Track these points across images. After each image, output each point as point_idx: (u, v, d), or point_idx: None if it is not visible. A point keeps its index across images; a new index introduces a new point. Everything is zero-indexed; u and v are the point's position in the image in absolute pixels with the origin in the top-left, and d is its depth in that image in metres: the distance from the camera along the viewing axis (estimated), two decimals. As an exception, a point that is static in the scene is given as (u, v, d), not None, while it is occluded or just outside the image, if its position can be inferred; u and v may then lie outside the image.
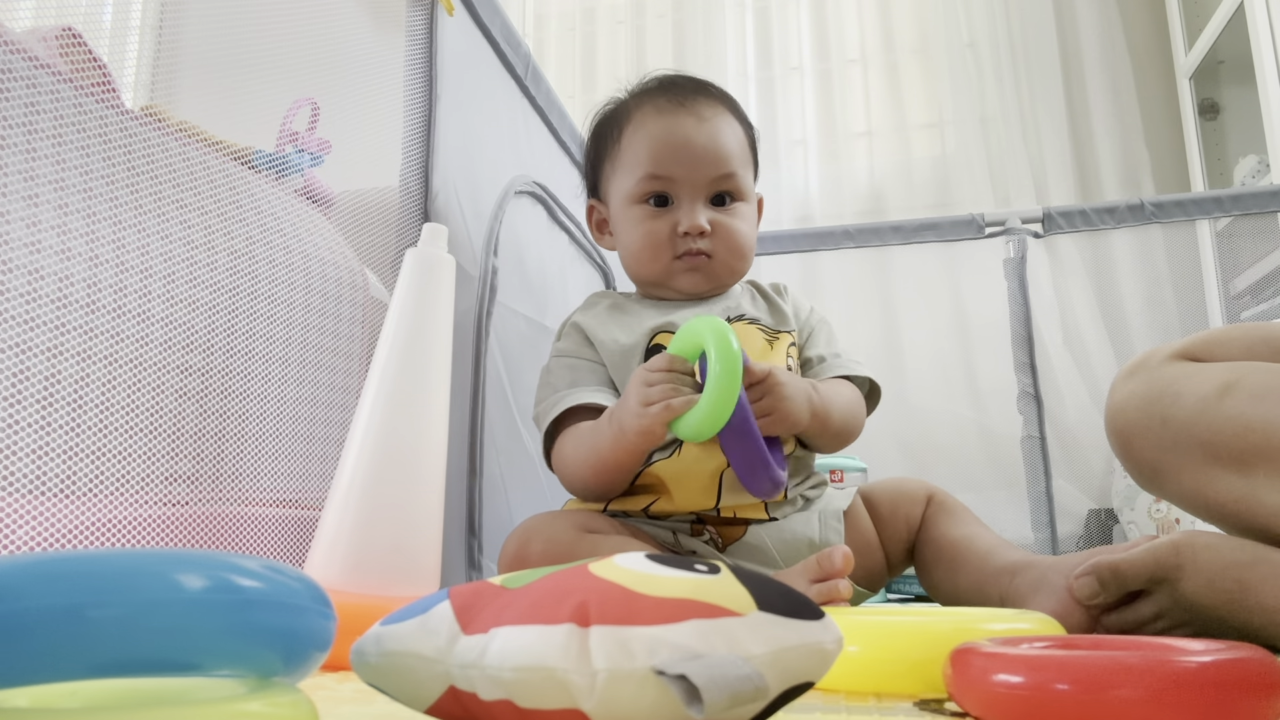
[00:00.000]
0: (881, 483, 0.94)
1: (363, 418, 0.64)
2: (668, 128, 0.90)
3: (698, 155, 0.88)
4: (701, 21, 2.75)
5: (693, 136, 0.89)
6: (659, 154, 0.89)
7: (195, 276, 0.69)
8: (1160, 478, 0.70)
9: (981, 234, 1.80)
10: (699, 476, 0.82)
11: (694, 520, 0.84)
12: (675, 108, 0.91)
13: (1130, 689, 0.33)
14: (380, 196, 0.98)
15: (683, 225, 0.88)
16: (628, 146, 0.92)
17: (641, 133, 0.91)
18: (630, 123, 0.92)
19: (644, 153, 0.90)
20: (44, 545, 0.54)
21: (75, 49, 0.63)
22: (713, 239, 0.89)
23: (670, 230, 0.88)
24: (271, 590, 0.27)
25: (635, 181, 0.90)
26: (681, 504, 0.82)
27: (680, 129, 0.89)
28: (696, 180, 0.88)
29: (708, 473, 0.82)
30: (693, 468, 0.82)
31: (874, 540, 0.88)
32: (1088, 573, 0.66)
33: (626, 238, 0.92)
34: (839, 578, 0.65)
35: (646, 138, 0.90)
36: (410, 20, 0.96)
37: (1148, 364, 0.72)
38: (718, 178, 0.89)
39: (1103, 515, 1.76)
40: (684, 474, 0.82)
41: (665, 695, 0.27)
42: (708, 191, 0.89)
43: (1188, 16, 2.41)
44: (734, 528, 0.83)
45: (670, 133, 0.89)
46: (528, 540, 0.77)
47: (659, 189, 0.89)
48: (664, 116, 0.91)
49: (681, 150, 0.88)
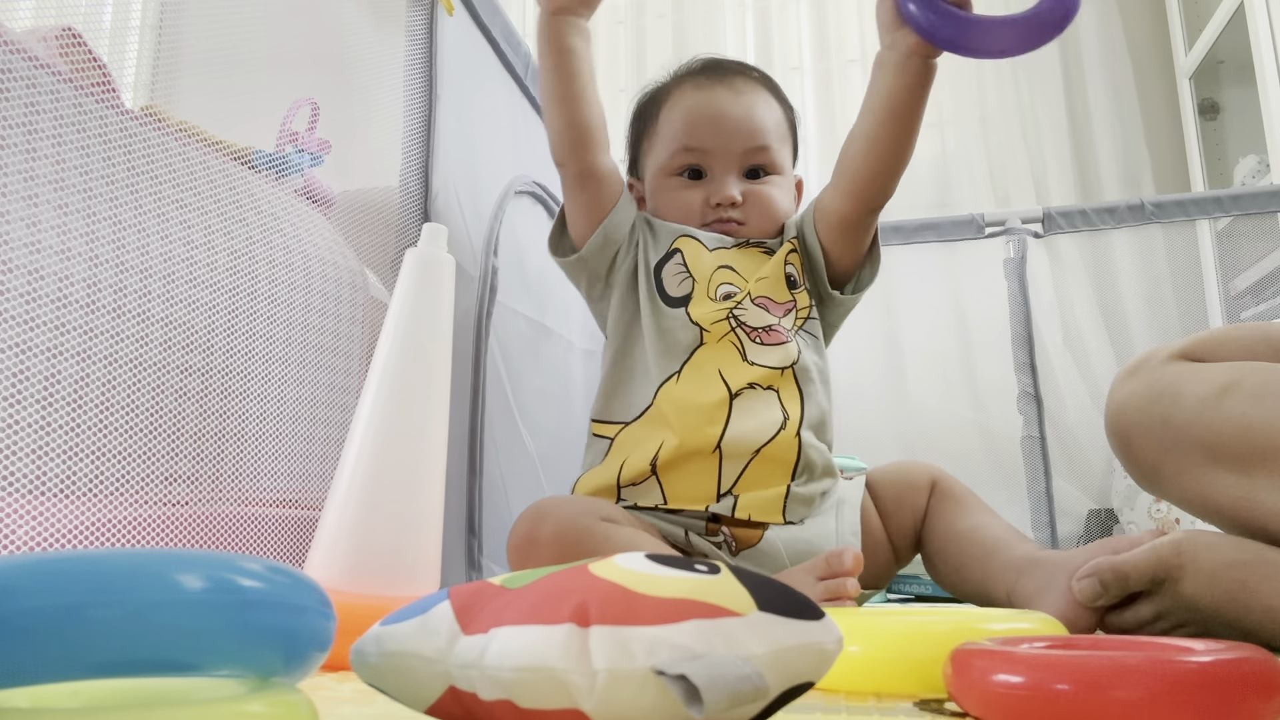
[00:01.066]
0: (885, 469, 0.93)
1: (362, 418, 0.64)
2: (703, 101, 0.92)
3: (731, 127, 0.90)
4: (701, 21, 2.75)
5: (727, 109, 0.91)
6: (693, 126, 0.90)
7: (195, 276, 0.69)
8: (1160, 478, 0.70)
9: (981, 234, 1.80)
10: (702, 407, 0.81)
11: (709, 519, 0.82)
12: (713, 83, 0.93)
13: (1130, 689, 0.33)
14: (380, 196, 0.98)
15: (714, 197, 0.89)
16: (665, 122, 0.93)
17: (679, 108, 0.93)
18: (669, 100, 0.94)
19: (679, 126, 0.91)
20: (44, 545, 0.54)
21: (75, 49, 0.63)
22: (745, 207, 0.90)
23: (702, 201, 0.90)
24: (271, 590, 0.27)
25: (670, 154, 0.91)
26: (686, 439, 0.81)
27: (715, 101, 0.91)
28: (729, 151, 0.90)
29: (712, 402, 0.81)
30: (695, 395, 0.82)
31: (882, 539, 0.88)
32: (1089, 575, 0.66)
33: (662, 208, 0.93)
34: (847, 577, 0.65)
35: (683, 111, 0.92)
36: (410, 20, 0.96)
37: (1148, 364, 0.72)
38: (751, 150, 0.90)
39: (1103, 515, 1.76)
40: (687, 402, 0.82)
41: (665, 695, 0.27)
42: (741, 164, 0.90)
43: (1188, 16, 2.41)
44: (750, 531, 0.82)
45: (705, 105, 0.91)
46: (539, 521, 0.75)
47: (692, 161, 0.91)
48: (700, 91, 0.92)
49: (716, 122, 0.90)
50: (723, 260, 0.89)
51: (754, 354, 0.84)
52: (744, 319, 0.86)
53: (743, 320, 0.85)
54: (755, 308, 0.87)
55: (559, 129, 0.86)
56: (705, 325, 0.84)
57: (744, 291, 0.87)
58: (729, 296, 0.87)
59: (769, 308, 0.87)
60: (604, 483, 0.84)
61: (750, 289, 0.88)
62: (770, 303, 0.88)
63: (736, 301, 0.86)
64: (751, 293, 0.87)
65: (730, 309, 0.86)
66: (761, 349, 0.85)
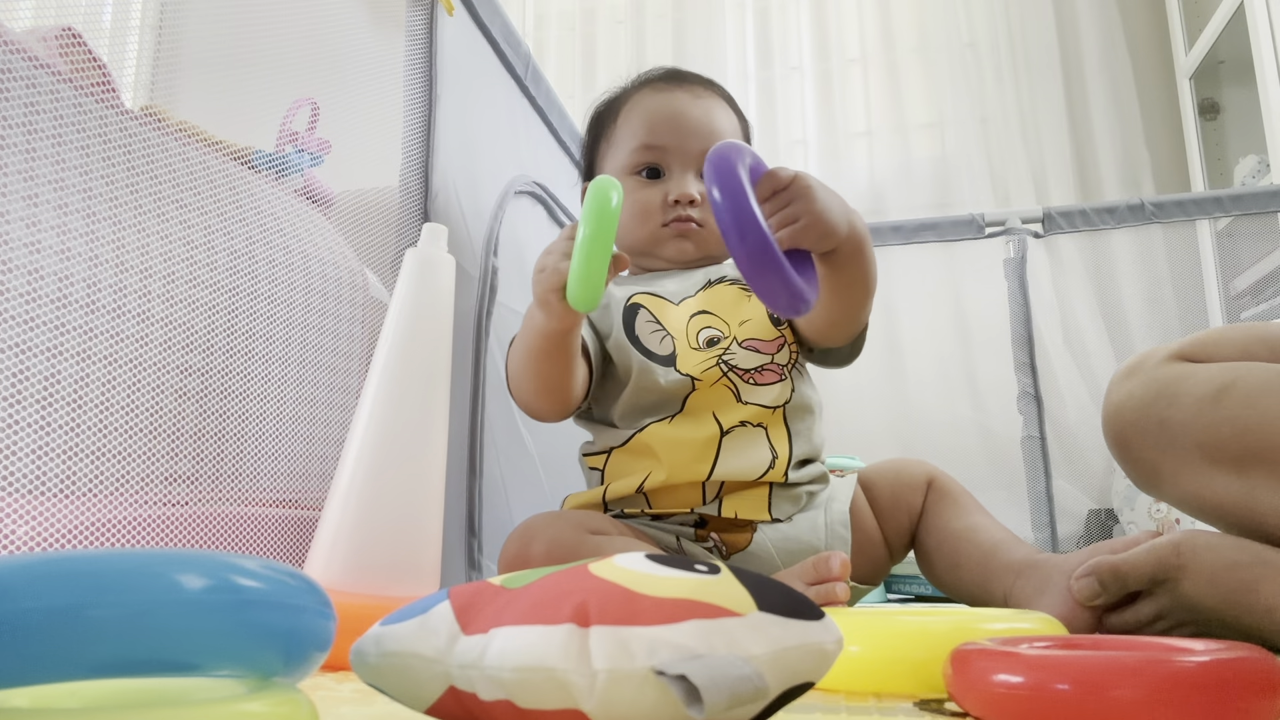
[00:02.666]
0: (880, 467, 0.93)
1: (362, 418, 0.64)
2: (663, 102, 0.93)
3: (691, 127, 0.91)
4: (701, 21, 2.75)
5: (687, 109, 0.92)
6: (653, 125, 0.92)
7: (195, 276, 0.68)
8: (1158, 479, 0.70)
9: (981, 234, 1.80)
10: (692, 444, 0.81)
11: (697, 524, 0.83)
12: (672, 87, 0.95)
13: (1130, 689, 0.33)
14: (380, 196, 0.98)
15: (672, 194, 0.90)
16: (624, 124, 0.95)
17: (639, 108, 0.94)
18: (628, 104, 0.96)
19: (639, 125, 0.93)
20: (44, 545, 0.54)
21: (75, 49, 0.63)
22: (703, 209, 0.90)
23: (661, 199, 0.91)
24: (271, 590, 0.27)
25: (629, 153, 0.92)
26: (674, 474, 0.81)
27: (674, 102, 0.93)
28: (688, 150, 0.91)
29: (702, 439, 0.81)
30: (685, 434, 0.81)
31: (876, 536, 0.87)
32: (1088, 574, 0.66)
33: None
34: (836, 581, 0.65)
35: (643, 111, 0.93)
36: (410, 20, 0.96)
37: (1145, 365, 0.72)
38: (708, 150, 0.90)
39: (1103, 515, 1.76)
40: (676, 440, 0.81)
41: (665, 695, 0.27)
42: (699, 164, 0.90)
43: (1188, 16, 2.41)
44: (739, 534, 0.82)
45: (665, 105, 0.93)
46: (529, 541, 0.76)
47: (651, 160, 0.92)
48: (659, 94, 0.94)
49: (675, 120, 0.92)
50: (694, 309, 0.88)
51: (748, 394, 0.84)
52: (734, 363, 0.84)
53: (733, 364, 0.84)
54: (744, 350, 0.85)
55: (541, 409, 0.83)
56: (696, 375, 0.83)
57: (729, 336, 0.86)
58: (713, 341, 0.86)
59: (758, 348, 0.86)
60: (591, 500, 0.85)
61: (735, 333, 0.86)
62: (759, 343, 0.86)
63: (724, 348, 0.85)
64: (737, 336, 0.86)
65: (719, 355, 0.85)
66: (755, 389, 0.84)
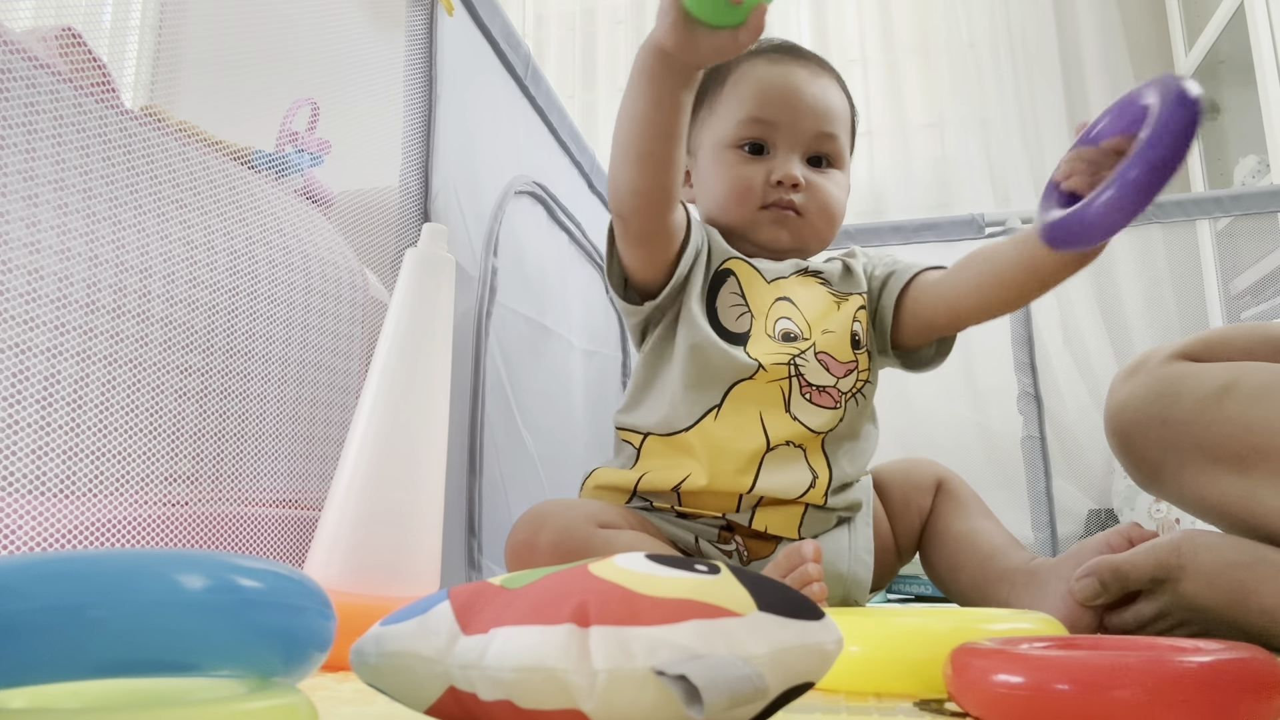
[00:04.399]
0: (890, 467, 0.91)
1: (362, 418, 0.64)
2: (780, 74, 0.87)
3: (806, 105, 0.86)
4: (701, 21, 2.75)
5: (803, 86, 0.87)
6: (767, 96, 0.86)
7: (195, 276, 0.69)
8: (1160, 478, 0.70)
9: (981, 234, 1.80)
10: (739, 455, 0.77)
11: (723, 526, 0.80)
12: (790, 60, 0.89)
13: (1130, 689, 0.33)
14: (380, 196, 0.98)
15: (776, 174, 0.84)
16: (731, 91, 0.88)
17: (750, 77, 0.88)
18: (737, 70, 0.89)
19: (749, 95, 0.87)
20: (44, 545, 0.54)
21: (75, 49, 0.63)
22: (806, 195, 0.85)
23: (764, 178, 0.85)
24: (271, 590, 0.27)
25: (735, 124, 0.86)
26: (715, 480, 0.77)
27: (791, 76, 0.87)
28: (799, 130, 0.86)
29: (749, 451, 0.77)
30: (733, 441, 0.77)
31: (889, 542, 0.87)
32: (1088, 574, 0.66)
33: (713, 183, 0.88)
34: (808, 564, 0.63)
35: (755, 81, 0.87)
36: (410, 20, 0.96)
37: (1147, 365, 0.72)
38: (821, 134, 0.86)
39: (1103, 515, 1.76)
40: (723, 446, 0.77)
41: (665, 695, 0.27)
42: (807, 148, 0.87)
43: (1188, 16, 2.41)
44: (763, 543, 0.80)
45: (782, 78, 0.87)
46: (538, 528, 0.73)
47: (759, 134, 0.86)
48: (776, 65, 0.88)
49: (791, 96, 0.86)
50: (780, 291, 0.85)
51: (797, 408, 0.80)
52: (804, 371, 0.80)
53: (802, 371, 0.80)
54: (817, 363, 0.81)
55: (638, 189, 0.75)
56: (765, 364, 0.79)
57: (809, 341, 0.82)
58: (789, 337, 0.82)
59: (830, 366, 0.82)
60: (622, 482, 0.81)
61: (816, 340, 0.82)
62: (833, 361, 0.82)
63: (800, 350, 0.81)
64: (816, 345, 0.82)
65: (793, 355, 0.81)
66: (808, 406, 0.80)
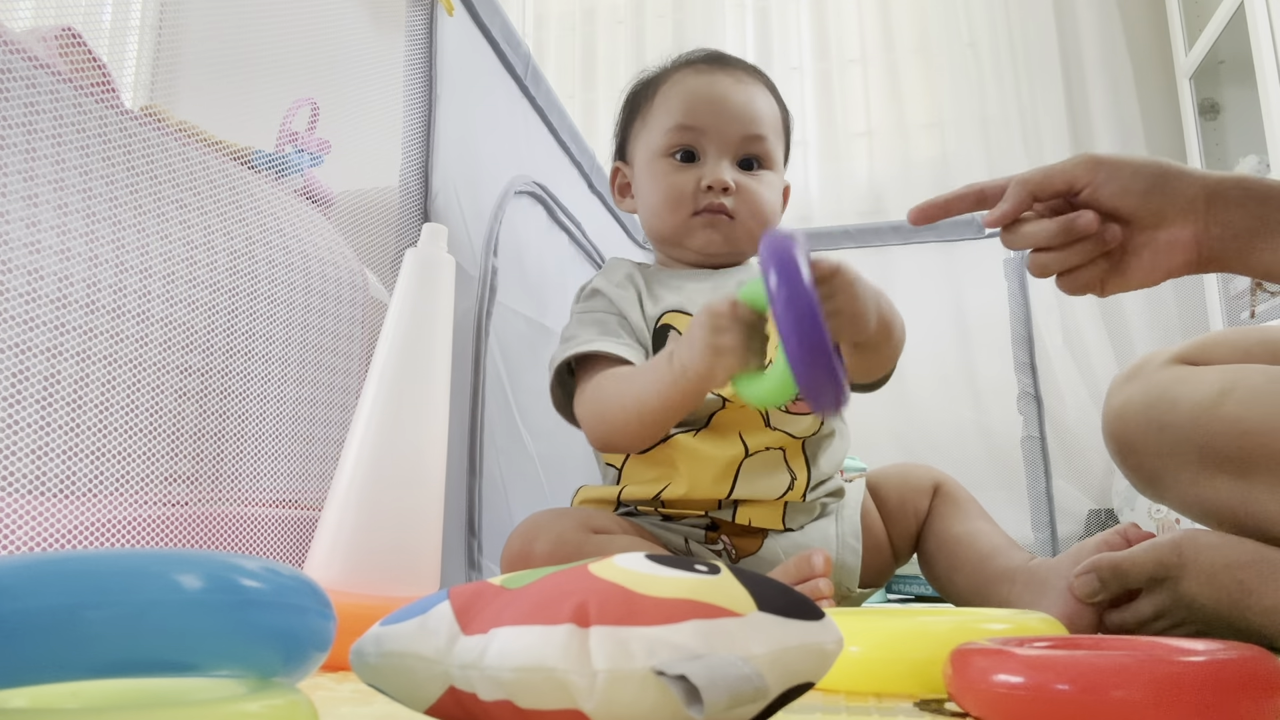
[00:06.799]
0: (887, 471, 0.93)
1: (363, 418, 0.64)
2: (704, 83, 0.90)
3: (731, 110, 0.88)
4: (701, 22, 2.75)
5: (728, 92, 0.89)
6: (692, 105, 0.89)
7: (195, 276, 0.68)
8: (1158, 483, 0.70)
9: (981, 234, 1.80)
10: (715, 463, 0.80)
11: (708, 526, 0.82)
12: (714, 69, 0.92)
13: (1130, 689, 0.33)
14: (380, 196, 0.98)
15: (706, 179, 0.87)
16: (661, 103, 0.92)
17: (677, 89, 0.91)
18: (667, 82, 0.93)
19: (677, 104, 0.90)
20: (44, 545, 0.54)
21: (75, 49, 0.63)
22: (736, 198, 0.88)
23: (694, 184, 0.88)
24: (271, 590, 0.27)
25: (664, 133, 0.89)
26: (693, 489, 0.80)
27: (716, 84, 0.90)
28: (726, 135, 0.88)
29: (725, 460, 0.80)
30: (711, 452, 0.80)
31: (883, 541, 0.87)
32: (1088, 571, 0.66)
33: (649, 192, 0.91)
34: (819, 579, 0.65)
35: (682, 90, 0.91)
36: (410, 20, 0.96)
37: (1145, 369, 0.73)
38: (748, 137, 0.89)
39: (1103, 515, 1.76)
40: (701, 456, 0.80)
41: (665, 696, 0.27)
42: (736, 151, 0.89)
43: (1188, 16, 2.41)
44: (750, 539, 0.81)
45: (707, 86, 0.90)
46: (533, 538, 0.75)
47: (688, 141, 0.89)
48: (701, 75, 0.91)
49: (715, 103, 0.89)
50: None
51: (777, 420, 0.82)
52: None
53: None
54: None
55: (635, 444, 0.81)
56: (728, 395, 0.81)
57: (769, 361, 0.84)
58: None
59: None
60: (606, 495, 0.85)
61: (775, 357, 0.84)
62: None
63: None
64: None
65: None
66: (786, 416, 0.83)
